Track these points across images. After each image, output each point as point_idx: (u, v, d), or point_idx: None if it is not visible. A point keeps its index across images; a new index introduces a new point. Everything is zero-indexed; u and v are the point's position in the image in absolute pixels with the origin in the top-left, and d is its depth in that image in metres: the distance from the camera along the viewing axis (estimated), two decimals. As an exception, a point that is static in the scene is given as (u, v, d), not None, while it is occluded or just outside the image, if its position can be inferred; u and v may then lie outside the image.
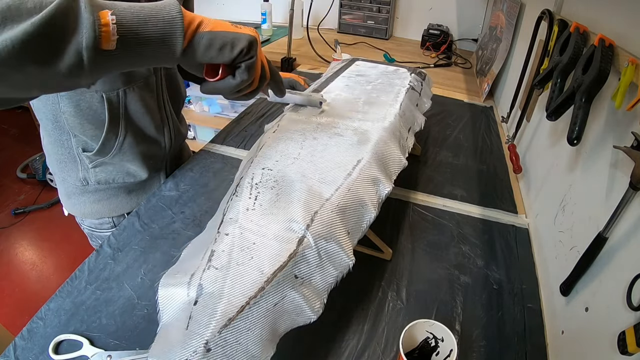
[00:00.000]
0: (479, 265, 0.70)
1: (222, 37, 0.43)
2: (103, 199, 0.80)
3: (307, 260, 0.46)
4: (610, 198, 0.51)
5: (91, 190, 0.78)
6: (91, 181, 0.76)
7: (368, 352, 0.55)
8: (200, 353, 0.36)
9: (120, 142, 0.73)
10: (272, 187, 0.52)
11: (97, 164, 0.74)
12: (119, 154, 0.74)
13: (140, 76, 0.70)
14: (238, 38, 0.44)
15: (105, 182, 0.77)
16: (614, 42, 0.54)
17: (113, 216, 0.82)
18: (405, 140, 0.71)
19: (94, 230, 0.85)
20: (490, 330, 0.59)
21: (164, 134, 0.81)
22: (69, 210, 0.83)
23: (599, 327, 0.48)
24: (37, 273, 1.85)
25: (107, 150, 0.73)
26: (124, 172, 0.78)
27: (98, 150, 0.72)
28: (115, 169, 0.76)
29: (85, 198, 0.79)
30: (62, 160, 0.75)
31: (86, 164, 0.74)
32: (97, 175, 0.76)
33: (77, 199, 0.80)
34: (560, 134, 0.75)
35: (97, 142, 0.71)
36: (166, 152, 0.83)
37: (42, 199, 2.29)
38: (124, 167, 0.77)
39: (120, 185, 0.80)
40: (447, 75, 1.63)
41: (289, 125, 0.67)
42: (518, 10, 1.27)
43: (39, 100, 0.67)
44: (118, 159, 0.75)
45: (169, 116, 0.81)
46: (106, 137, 0.70)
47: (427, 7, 2.00)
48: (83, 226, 0.87)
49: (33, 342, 0.51)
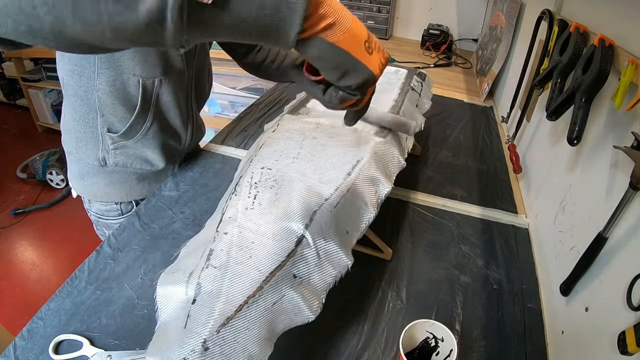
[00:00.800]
0: (479, 265, 0.70)
1: (339, 59, 0.33)
2: (115, 183, 0.81)
3: (305, 259, 0.46)
4: (610, 198, 0.51)
5: (106, 171, 0.79)
6: (109, 162, 0.77)
7: (368, 352, 0.54)
8: (198, 352, 0.36)
9: (146, 128, 0.75)
10: (272, 187, 0.52)
11: (119, 146, 0.75)
12: (142, 139, 0.76)
13: (177, 69, 0.73)
14: (355, 70, 0.34)
15: (122, 165, 0.78)
16: (614, 42, 0.54)
17: (121, 202, 0.83)
18: (405, 141, 0.71)
19: (100, 217, 0.86)
20: (490, 330, 0.59)
21: (187, 129, 0.83)
22: (79, 191, 0.83)
23: (599, 327, 0.48)
24: (37, 273, 1.86)
25: (132, 134, 0.74)
26: (142, 159, 0.79)
27: (123, 133, 0.73)
28: (134, 154, 0.78)
29: (99, 179, 0.80)
30: (82, 138, 0.75)
31: (108, 144, 0.75)
32: (116, 157, 0.77)
33: (90, 180, 0.80)
34: (560, 134, 0.75)
35: (124, 124, 0.72)
36: (185, 146, 0.86)
37: (42, 199, 2.29)
38: (144, 153, 0.78)
39: (135, 170, 0.81)
40: (447, 75, 1.63)
41: (288, 125, 0.67)
42: (518, 10, 1.27)
43: (72, 76, 0.68)
44: (140, 144, 0.76)
45: (193, 113, 0.84)
46: (134, 120, 0.72)
47: (427, 7, 2.00)
48: (90, 212, 0.87)
49: (33, 342, 0.51)
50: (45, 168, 2.33)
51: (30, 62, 2.80)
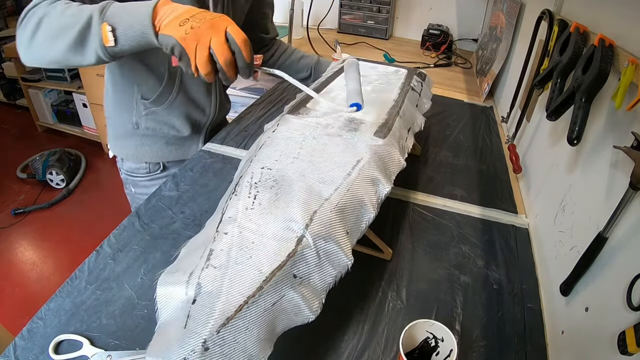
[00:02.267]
0: (479, 265, 0.70)
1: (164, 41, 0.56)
2: (146, 145, 0.94)
3: (305, 259, 0.46)
4: (610, 198, 0.51)
5: (139, 134, 0.92)
6: (141, 126, 0.90)
7: (368, 352, 0.54)
8: (198, 352, 0.36)
9: (172, 98, 0.88)
10: (272, 187, 0.52)
11: (149, 112, 0.89)
12: (169, 107, 0.89)
13: None
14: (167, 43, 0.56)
15: (152, 129, 0.91)
16: (614, 42, 0.54)
17: (150, 162, 0.96)
18: (404, 141, 0.71)
19: (129, 175, 0.99)
20: (490, 330, 0.59)
21: (210, 103, 0.95)
22: (115, 151, 0.98)
23: (599, 327, 0.48)
24: (37, 273, 1.86)
25: (161, 102, 0.88)
26: (169, 125, 0.92)
27: (153, 100, 0.87)
28: (162, 120, 0.91)
29: (132, 141, 0.93)
30: (120, 105, 0.90)
31: (141, 110, 0.89)
32: (147, 122, 0.90)
33: (124, 141, 0.94)
34: (560, 134, 0.75)
35: (153, 94, 0.86)
36: (208, 119, 0.97)
37: (42, 199, 2.29)
38: (171, 120, 0.91)
39: (163, 135, 0.93)
40: (447, 75, 1.63)
41: (288, 124, 0.67)
42: (518, 10, 1.27)
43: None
44: (167, 112, 0.90)
45: (217, 89, 0.95)
46: (162, 90, 0.86)
47: (427, 7, 2.00)
48: (122, 170, 1.01)
49: (33, 342, 0.51)
50: (45, 168, 2.33)
51: (30, 62, 2.80)
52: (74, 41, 0.59)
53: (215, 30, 0.55)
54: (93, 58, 0.61)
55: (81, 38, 0.59)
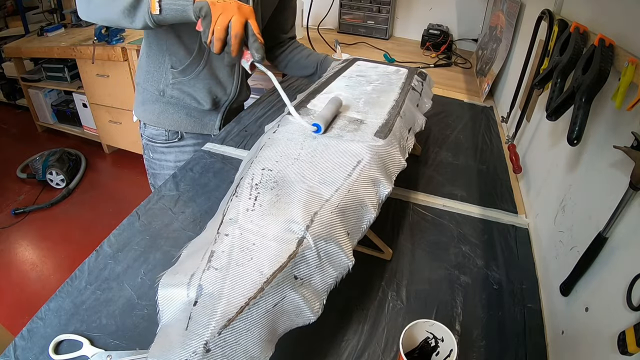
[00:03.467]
0: (479, 265, 0.70)
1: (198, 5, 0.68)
2: (168, 112, 1.03)
3: (306, 261, 0.46)
4: (610, 198, 0.51)
5: (163, 101, 1.01)
6: (167, 94, 0.99)
7: (368, 352, 0.55)
8: (200, 353, 0.36)
9: (199, 70, 0.97)
10: (272, 188, 0.52)
11: (176, 82, 0.98)
12: (195, 79, 0.98)
13: None
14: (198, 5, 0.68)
15: (176, 98, 1.00)
16: (614, 42, 0.54)
17: (170, 130, 1.05)
18: (405, 141, 0.71)
19: (149, 141, 1.08)
20: (490, 330, 0.59)
21: (232, 83, 1.03)
22: (139, 115, 1.07)
23: (599, 327, 0.48)
24: (37, 273, 1.85)
25: (187, 73, 0.97)
26: (192, 97, 1.00)
27: (181, 70, 0.96)
28: (187, 91, 0.99)
29: (156, 107, 1.02)
30: (151, 72, 0.99)
31: (169, 78, 0.98)
32: (172, 91, 0.99)
33: (149, 107, 1.03)
34: (560, 134, 0.75)
35: (182, 64, 0.95)
36: (229, 98, 1.05)
37: (42, 199, 2.29)
38: (194, 92, 0.99)
39: (185, 105, 1.02)
40: (447, 75, 1.63)
41: (289, 125, 0.67)
42: (518, 10, 1.27)
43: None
44: (192, 83, 0.98)
45: (239, 73, 1.03)
46: (190, 62, 0.95)
47: (427, 7, 2.00)
48: (143, 136, 1.10)
49: (33, 342, 0.51)
50: (45, 168, 2.33)
51: (30, 62, 2.79)
52: (128, 6, 0.72)
53: (239, 12, 0.67)
54: (140, 23, 0.74)
55: (135, 4, 0.72)
